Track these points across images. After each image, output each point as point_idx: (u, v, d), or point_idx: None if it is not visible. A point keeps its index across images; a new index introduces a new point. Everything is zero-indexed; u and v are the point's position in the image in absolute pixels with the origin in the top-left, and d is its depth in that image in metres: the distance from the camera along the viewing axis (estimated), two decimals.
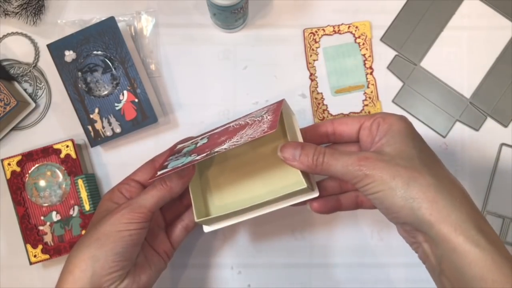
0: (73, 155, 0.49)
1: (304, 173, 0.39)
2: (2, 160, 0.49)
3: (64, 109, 0.52)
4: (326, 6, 0.53)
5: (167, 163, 0.41)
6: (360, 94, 0.52)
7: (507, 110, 0.52)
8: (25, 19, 0.52)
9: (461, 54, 0.53)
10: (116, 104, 0.50)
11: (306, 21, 0.53)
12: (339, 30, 0.53)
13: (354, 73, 0.52)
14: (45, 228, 0.49)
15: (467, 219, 0.32)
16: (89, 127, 0.50)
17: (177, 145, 0.46)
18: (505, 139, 0.52)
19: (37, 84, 0.52)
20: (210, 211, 0.44)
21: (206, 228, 0.42)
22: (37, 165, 0.49)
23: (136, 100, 0.49)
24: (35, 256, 0.48)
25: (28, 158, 0.49)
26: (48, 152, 0.49)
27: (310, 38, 0.53)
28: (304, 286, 0.50)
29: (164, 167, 0.39)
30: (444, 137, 0.52)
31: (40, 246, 0.48)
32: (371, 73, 0.52)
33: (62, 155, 0.49)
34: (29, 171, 0.49)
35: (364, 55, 0.53)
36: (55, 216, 0.49)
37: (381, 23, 0.53)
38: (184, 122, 0.52)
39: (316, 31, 0.53)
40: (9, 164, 0.49)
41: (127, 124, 0.49)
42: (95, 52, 0.50)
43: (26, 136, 0.52)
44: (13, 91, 0.50)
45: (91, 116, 0.50)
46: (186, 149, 0.42)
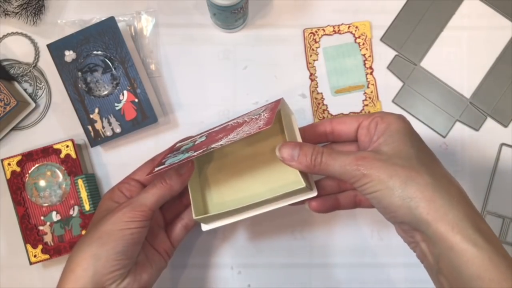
0: (73, 155, 0.49)
1: (302, 173, 0.39)
2: (2, 160, 0.49)
3: (64, 109, 0.52)
4: (326, 6, 0.53)
5: (165, 160, 0.41)
6: (360, 94, 0.52)
7: (507, 110, 0.52)
8: (25, 19, 0.52)
9: (461, 54, 0.53)
10: (116, 104, 0.50)
11: (306, 21, 0.53)
12: (339, 30, 0.53)
13: (354, 73, 0.52)
14: (45, 228, 0.49)
15: (464, 218, 0.32)
16: (89, 127, 0.50)
17: (176, 144, 0.46)
18: (505, 139, 0.52)
19: (37, 84, 0.52)
20: (209, 209, 0.44)
21: (204, 227, 0.42)
22: (37, 165, 0.49)
23: (136, 100, 0.49)
24: (35, 256, 0.48)
25: (28, 158, 0.49)
26: (48, 152, 0.49)
27: (310, 38, 0.53)
28: (304, 286, 0.50)
29: (162, 164, 0.40)
30: (444, 137, 0.52)
31: (40, 246, 0.48)
32: (371, 73, 0.52)
33: (62, 155, 0.49)
34: (29, 171, 0.49)
35: (364, 55, 0.53)
36: (55, 216, 0.49)
37: (381, 23, 0.53)
38: (184, 122, 0.52)
39: (316, 31, 0.53)
40: (9, 164, 0.49)
41: (127, 124, 0.49)
42: (95, 52, 0.50)
43: (26, 136, 0.52)
44: (13, 91, 0.50)
45: (91, 116, 0.50)
46: (184, 147, 0.42)
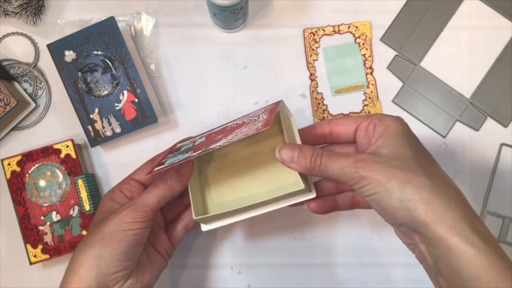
0: (73, 155, 0.49)
1: (301, 174, 0.39)
2: (2, 160, 0.49)
3: (64, 109, 0.52)
4: (326, 6, 0.53)
5: (164, 160, 0.41)
6: (360, 94, 0.52)
7: (507, 110, 0.52)
8: (25, 19, 0.52)
9: (461, 54, 0.53)
10: (116, 104, 0.50)
11: (306, 21, 0.53)
12: (339, 30, 0.53)
13: (354, 73, 0.52)
14: (45, 228, 0.49)
15: (462, 219, 0.32)
16: (89, 127, 0.50)
17: (176, 145, 0.46)
18: (505, 139, 0.52)
19: (37, 84, 0.52)
20: (208, 209, 0.44)
21: (204, 227, 0.42)
22: (37, 165, 0.49)
23: (136, 100, 0.49)
24: (35, 256, 0.48)
25: (28, 158, 0.49)
26: (48, 152, 0.49)
27: (310, 38, 0.53)
28: (304, 286, 0.50)
29: (162, 164, 0.40)
30: (444, 137, 0.52)
31: (40, 246, 0.48)
32: (371, 73, 0.52)
33: (62, 155, 0.49)
34: (29, 171, 0.49)
35: (364, 55, 0.52)
36: (55, 216, 0.49)
37: (381, 23, 0.53)
38: (184, 122, 0.52)
39: (316, 31, 0.53)
40: (9, 164, 0.49)
41: (127, 124, 0.49)
42: (95, 52, 0.50)
43: (26, 136, 0.52)
44: (13, 91, 0.50)
45: (91, 116, 0.50)
46: (184, 148, 0.42)
